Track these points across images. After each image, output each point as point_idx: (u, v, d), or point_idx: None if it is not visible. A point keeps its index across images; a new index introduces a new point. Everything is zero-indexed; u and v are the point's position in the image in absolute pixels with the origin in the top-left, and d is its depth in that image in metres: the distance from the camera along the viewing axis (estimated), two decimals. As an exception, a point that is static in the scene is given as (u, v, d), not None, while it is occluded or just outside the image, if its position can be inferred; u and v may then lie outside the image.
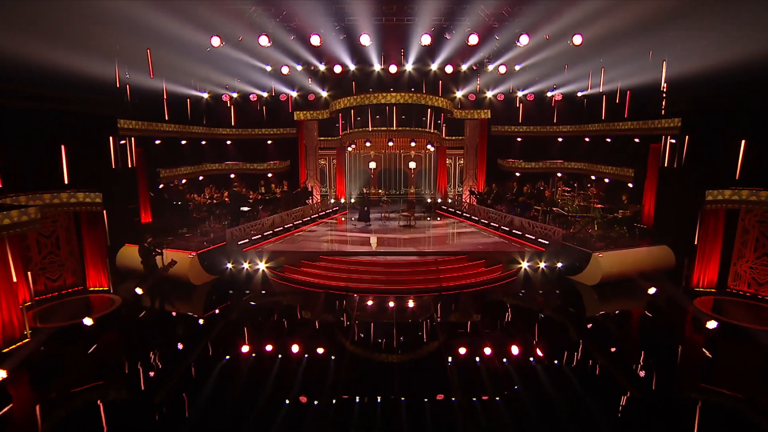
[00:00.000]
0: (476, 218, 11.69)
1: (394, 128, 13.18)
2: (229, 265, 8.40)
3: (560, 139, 15.09)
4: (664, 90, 9.40)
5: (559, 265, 8.35)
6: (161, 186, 10.97)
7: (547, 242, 8.99)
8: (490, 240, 9.62)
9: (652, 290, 7.25)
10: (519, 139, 15.29)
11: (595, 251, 7.88)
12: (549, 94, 15.11)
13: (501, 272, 8.55)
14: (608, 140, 12.70)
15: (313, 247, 8.90)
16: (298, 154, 14.83)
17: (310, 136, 15.02)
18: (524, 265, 8.72)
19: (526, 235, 9.65)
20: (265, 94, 15.62)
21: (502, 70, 14.19)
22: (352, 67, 14.49)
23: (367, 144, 13.45)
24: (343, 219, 12.55)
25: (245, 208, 10.82)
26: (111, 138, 8.75)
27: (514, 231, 9.86)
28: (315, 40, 11.91)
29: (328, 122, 14.93)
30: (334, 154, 15.70)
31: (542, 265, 8.62)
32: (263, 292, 7.74)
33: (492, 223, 10.86)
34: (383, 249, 8.85)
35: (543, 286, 7.89)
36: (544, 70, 14.07)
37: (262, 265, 8.63)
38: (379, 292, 7.45)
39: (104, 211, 7.63)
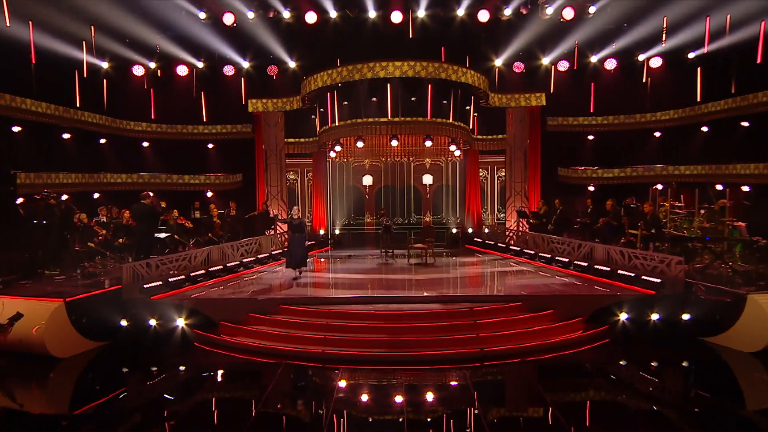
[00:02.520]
0: (530, 251, 11.79)
1: (400, 119, 12.99)
2: (125, 323, 7.83)
3: (658, 133, 14.94)
4: None
5: (686, 317, 7.61)
6: (21, 199, 10.51)
7: (658, 281, 8.28)
8: (557, 281, 9.36)
9: None
10: (591, 137, 15.64)
11: (753, 292, 7.16)
12: (641, 57, 14.81)
13: (583, 330, 7.89)
14: (744, 124, 12.27)
15: (270, 293, 8.65)
16: (255, 164, 15.50)
17: (273, 136, 15.81)
18: (622, 317, 7.97)
19: (620, 271, 9.03)
20: (200, 64, 15.47)
21: (568, 15, 13.92)
22: (333, 13, 14.32)
23: (359, 145, 13.35)
24: (321, 259, 12.66)
25: (162, 234, 10.84)
26: None
27: (596, 267, 9.49)
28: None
29: (300, 114, 15.39)
30: (308, 163, 16.10)
31: (654, 317, 7.91)
32: (181, 368, 7.07)
33: (558, 258, 10.76)
34: (384, 293, 8.68)
35: (658, 354, 7.22)
36: (634, 16, 13.78)
37: (180, 322, 7.94)
38: (378, 363, 6.77)
39: None
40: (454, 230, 15.90)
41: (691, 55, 14.25)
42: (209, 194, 16.01)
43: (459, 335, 7.28)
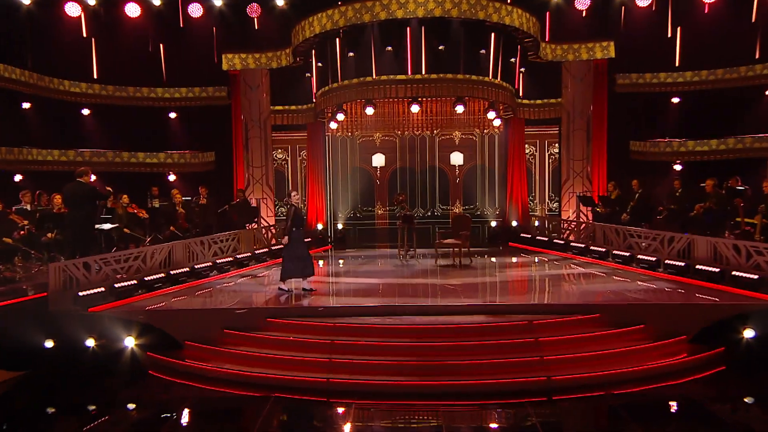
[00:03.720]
0: (599, 249, 11.88)
1: (423, 76, 13.03)
2: (51, 344, 7.68)
3: (772, 92, 14.62)
4: None
5: None
6: None
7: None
8: (642, 286, 9.29)
9: None
10: (676, 99, 15.42)
11: None
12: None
13: (687, 353, 7.56)
14: None
15: (253, 303, 8.75)
16: (232, 139, 15.75)
17: (255, 103, 15.83)
18: (746, 335, 7.58)
19: (735, 273, 8.74)
20: (156, 1, 15.50)
21: None
22: None
23: (369, 112, 13.42)
24: (320, 263, 12.88)
25: (107, 226, 10.69)
26: None
27: (699, 267, 9.36)
28: None
29: (291, 73, 15.56)
30: (302, 138, 16.33)
31: (792, 335, 7.52)
32: (130, 407, 6.87)
33: (641, 256, 10.70)
34: (409, 302, 8.51)
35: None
36: None
37: (130, 342, 7.75)
38: (403, 396, 6.63)
39: None
40: (493, 224, 15.88)
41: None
42: (171, 177, 16.08)
43: (515, 358, 7.07)
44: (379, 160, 16.49)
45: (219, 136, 15.65)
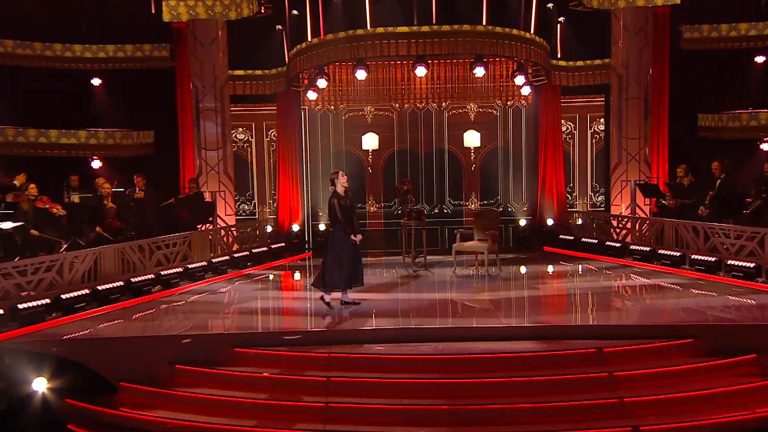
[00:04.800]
0: (671, 252, 11.89)
1: (431, 28, 13.25)
2: None
3: None
4: None
5: None
6: None
7: None
8: (739, 301, 9.42)
9: None
10: (761, 59, 15.31)
11: None
12: None
13: None
14: None
15: (213, 327, 9.07)
16: (177, 113, 15.62)
17: (208, 65, 15.46)
18: None
19: None
20: None
21: None
22: None
23: (360, 77, 13.85)
24: (294, 275, 13.40)
25: (7, 225, 10.68)
26: None
27: None
28: None
29: (255, 26, 15.61)
30: (270, 113, 16.36)
31: None
32: None
33: (733, 262, 10.63)
34: (431, 323, 8.59)
35: None
36: None
37: (40, 385, 7.40)
38: None
39: None
40: (523, 223, 15.86)
41: None
42: (96, 163, 15.70)
43: (583, 400, 6.79)
44: (371, 141, 16.39)
45: (160, 109, 15.48)
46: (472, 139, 16.38)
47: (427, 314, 9.04)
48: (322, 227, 15.85)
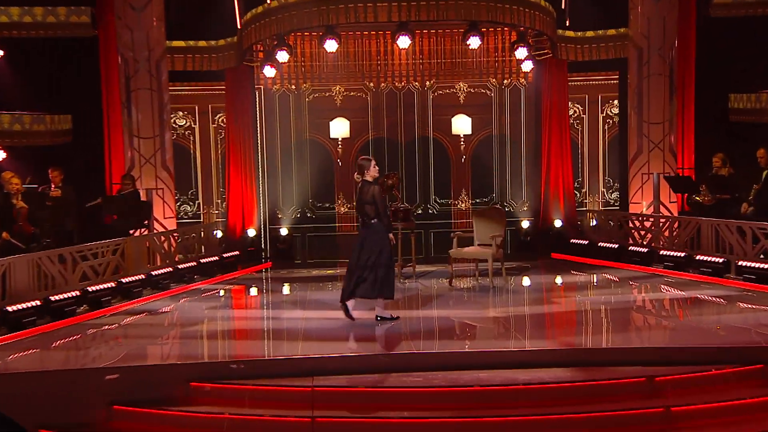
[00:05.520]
0: (712, 259, 11.95)
1: None
2: None
3: None
4: None
5: None
6: None
7: None
8: None
9: None
10: None
11: None
12: None
13: None
14: None
15: (162, 356, 9.08)
16: (102, 93, 15.35)
17: (140, 36, 15.10)
18: None
19: None
20: None
21: None
22: None
23: (328, 48, 13.94)
24: (251, 290, 13.39)
25: None
26: None
27: None
28: None
29: None
30: (217, 94, 16.32)
31: None
32: None
33: None
34: (436, 347, 8.79)
35: None
36: None
37: None
38: None
39: None
40: (525, 224, 15.92)
41: None
42: (0, 154, 15.16)
43: None
44: (341, 128, 16.37)
45: (80, 88, 15.09)
46: (461, 125, 16.35)
47: (428, 336, 9.03)
48: (283, 231, 15.76)
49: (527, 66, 14.76)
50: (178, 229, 14.37)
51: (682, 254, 12.31)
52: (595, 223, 14.86)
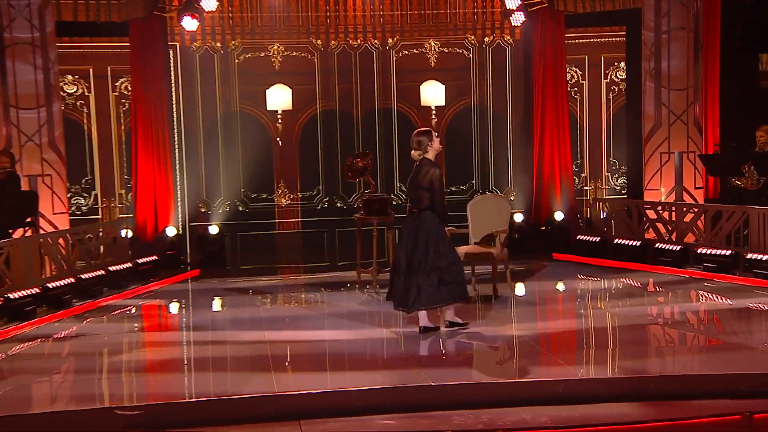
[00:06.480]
0: (763, 258, 12.00)
1: None
2: None
3: None
4: None
5: None
6: None
7: None
8: None
9: None
10: None
11: None
12: None
13: None
14: None
15: (64, 398, 8.74)
16: None
17: None
18: None
19: None
20: None
21: None
22: None
23: None
24: (170, 308, 13.17)
25: None
26: None
27: None
28: None
29: None
30: (119, 53, 16.33)
31: None
32: None
33: None
34: (446, 377, 8.44)
35: None
36: None
37: None
38: None
39: None
40: (518, 218, 15.74)
41: None
42: None
43: None
44: (280, 98, 16.32)
45: None
46: (433, 94, 16.39)
47: (436, 363, 8.86)
48: (213, 230, 15.60)
49: (517, 19, 14.73)
50: (75, 228, 14.01)
51: (728, 252, 12.23)
52: (605, 215, 14.82)
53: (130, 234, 14.63)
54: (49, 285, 11.66)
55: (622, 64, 16.18)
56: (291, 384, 8.12)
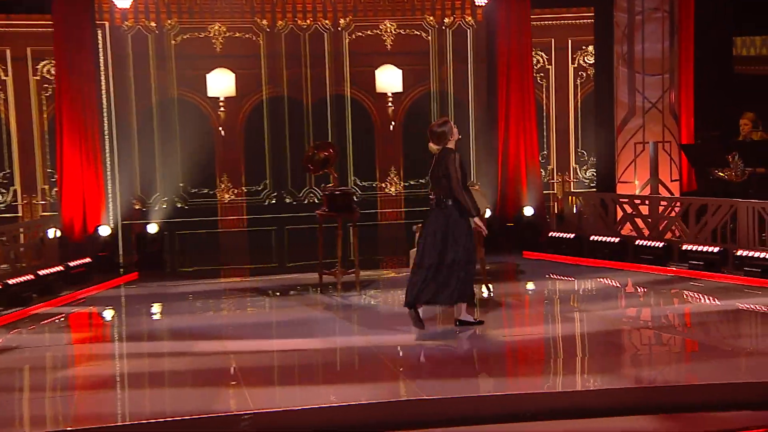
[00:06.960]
0: (755, 254, 12.10)
1: None
2: None
3: None
4: None
5: None
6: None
7: None
8: None
9: None
10: None
11: None
12: None
13: None
14: None
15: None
16: None
17: None
18: None
19: None
20: None
21: None
22: None
23: None
24: (105, 315, 12.81)
25: None
26: None
27: None
28: None
29: None
30: (41, 33, 15.91)
31: None
32: None
33: None
34: (441, 388, 8.14)
35: None
36: None
37: None
38: None
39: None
40: (489, 210, 15.52)
41: None
42: None
43: None
44: (223, 83, 16.16)
45: None
46: (389, 79, 16.35)
47: (429, 372, 8.54)
48: (152, 229, 15.17)
49: (482, -1, 14.72)
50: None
51: (716, 249, 12.13)
52: (577, 209, 14.85)
53: (58, 234, 14.09)
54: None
55: (591, 48, 16.03)
56: (262, 400, 7.53)
